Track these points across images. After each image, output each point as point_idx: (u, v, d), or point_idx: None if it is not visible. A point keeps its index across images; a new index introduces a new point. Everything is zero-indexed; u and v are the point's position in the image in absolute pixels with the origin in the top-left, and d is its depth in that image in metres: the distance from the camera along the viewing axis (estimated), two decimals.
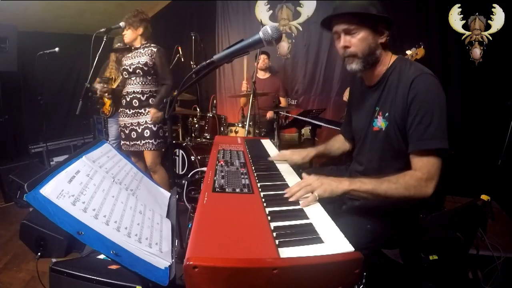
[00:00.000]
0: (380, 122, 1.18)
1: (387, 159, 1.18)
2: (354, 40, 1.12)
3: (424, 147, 1.05)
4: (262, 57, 3.64)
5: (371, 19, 1.10)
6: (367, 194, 1.02)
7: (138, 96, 2.42)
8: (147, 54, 2.39)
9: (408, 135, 1.09)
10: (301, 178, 1.12)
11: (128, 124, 2.47)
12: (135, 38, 2.42)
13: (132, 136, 2.46)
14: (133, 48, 2.46)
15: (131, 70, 2.39)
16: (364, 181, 1.02)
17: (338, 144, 1.57)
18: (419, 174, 1.03)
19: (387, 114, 1.15)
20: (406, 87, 1.07)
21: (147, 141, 2.44)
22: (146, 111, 2.44)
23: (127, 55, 2.47)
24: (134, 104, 2.43)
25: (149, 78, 2.43)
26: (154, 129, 2.46)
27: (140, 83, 2.42)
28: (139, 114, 2.45)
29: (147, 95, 2.44)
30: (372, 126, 1.21)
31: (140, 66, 2.36)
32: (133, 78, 2.42)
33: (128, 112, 2.46)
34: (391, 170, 1.10)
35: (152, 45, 2.44)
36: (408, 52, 2.48)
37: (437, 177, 1.03)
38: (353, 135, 1.42)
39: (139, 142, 2.45)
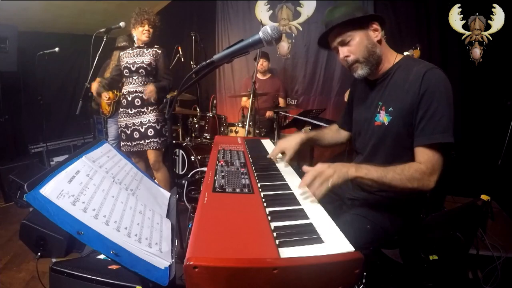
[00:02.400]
0: (382, 117, 1.18)
1: (390, 153, 1.18)
2: (351, 48, 1.14)
3: (435, 141, 1.04)
4: (261, 61, 3.64)
5: (360, 22, 1.12)
6: (372, 182, 1.02)
7: (140, 95, 2.41)
8: (151, 55, 2.40)
9: (417, 128, 1.08)
10: (301, 177, 1.11)
11: (130, 124, 2.46)
12: (153, 37, 2.45)
13: (135, 136, 2.46)
14: (135, 46, 2.46)
15: (133, 68, 2.38)
16: (370, 169, 1.02)
17: (332, 134, 1.56)
18: (424, 168, 1.03)
19: (390, 109, 1.15)
20: (417, 81, 1.07)
21: (151, 140, 2.44)
22: (149, 109, 2.44)
23: (129, 52, 2.45)
24: (136, 104, 2.42)
25: (151, 78, 2.43)
26: (158, 127, 2.46)
27: (141, 82, 2.41)
28: (141, 113, 2.44)
29: None
30: (374, 121, 1.21)
31: (144, 66, 2.36)
32: (134, 77, 2.41)
33: (130, 112, 2.44)
34: (394, 162, 1.09)
35: (155, 46, 2.45)
36: (406, 53, 2.49)
37: (439, 171, 1.05)
38: (352, 127, 1.42)
39: (142, 141, 2.45)
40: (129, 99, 2.43)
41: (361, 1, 3.65)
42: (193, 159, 2.88)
